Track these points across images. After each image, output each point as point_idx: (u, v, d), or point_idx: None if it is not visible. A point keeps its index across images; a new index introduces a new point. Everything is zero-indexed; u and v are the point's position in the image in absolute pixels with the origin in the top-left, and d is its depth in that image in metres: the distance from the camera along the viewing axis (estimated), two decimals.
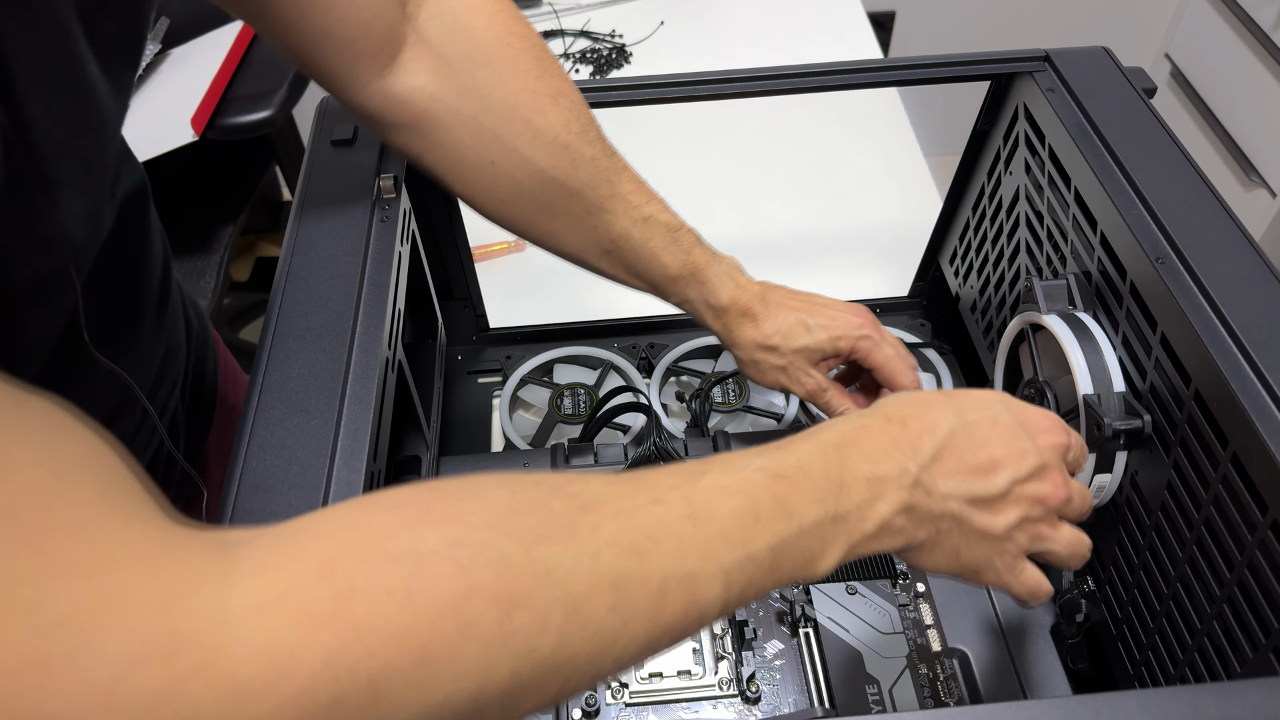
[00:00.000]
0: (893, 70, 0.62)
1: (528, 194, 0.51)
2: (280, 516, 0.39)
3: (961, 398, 0.40)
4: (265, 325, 0.47)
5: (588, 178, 0.51)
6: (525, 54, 0.49)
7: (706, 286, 0.56)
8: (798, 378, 0.59)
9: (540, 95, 0.49)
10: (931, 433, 0.38)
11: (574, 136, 0.50)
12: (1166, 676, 0.50)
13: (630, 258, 0.54)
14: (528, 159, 0.49)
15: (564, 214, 0.52)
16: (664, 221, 0.54)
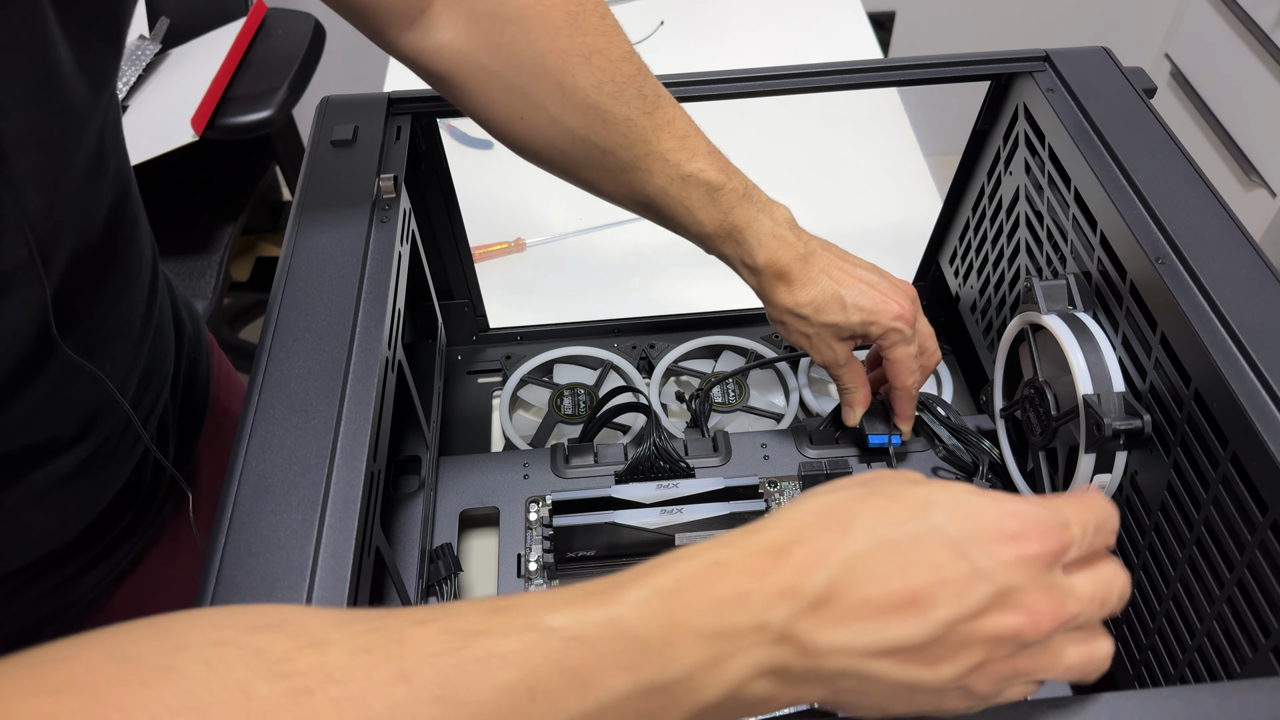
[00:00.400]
0: (893, 70, 0.62)
1: (559, 149, 0.51)
2: (280, 516, 0.39)
3: (888, 502, 0.31)
4: (265, 325, 0.47)
5: (620, 138, 0.50)
6: (556, 9, 0.48)
7: (743, 246, 0.55)
8: (819, 348, 0.58)
9: (569, 54, 0.48)
10: (821, 564, 0.29)
11: (605, 97, 0.49)
12: (1166, 677, 0.50)
13: (666, 213, 0.54)
14: (555, 118, 0.49)
15: (597, 169, 0.52)
16: (705, 180, 0.52)
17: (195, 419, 0.63)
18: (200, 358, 0.65)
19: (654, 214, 0.54)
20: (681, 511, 0.58)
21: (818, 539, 0.30)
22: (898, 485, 0.32)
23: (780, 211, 0.55)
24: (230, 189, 1.30)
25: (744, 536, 0.30)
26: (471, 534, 0.66)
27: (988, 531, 0.30)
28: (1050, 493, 0.57)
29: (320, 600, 0.36)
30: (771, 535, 0.30)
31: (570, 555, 0.59)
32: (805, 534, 0.30)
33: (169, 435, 0.59)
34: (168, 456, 0.59)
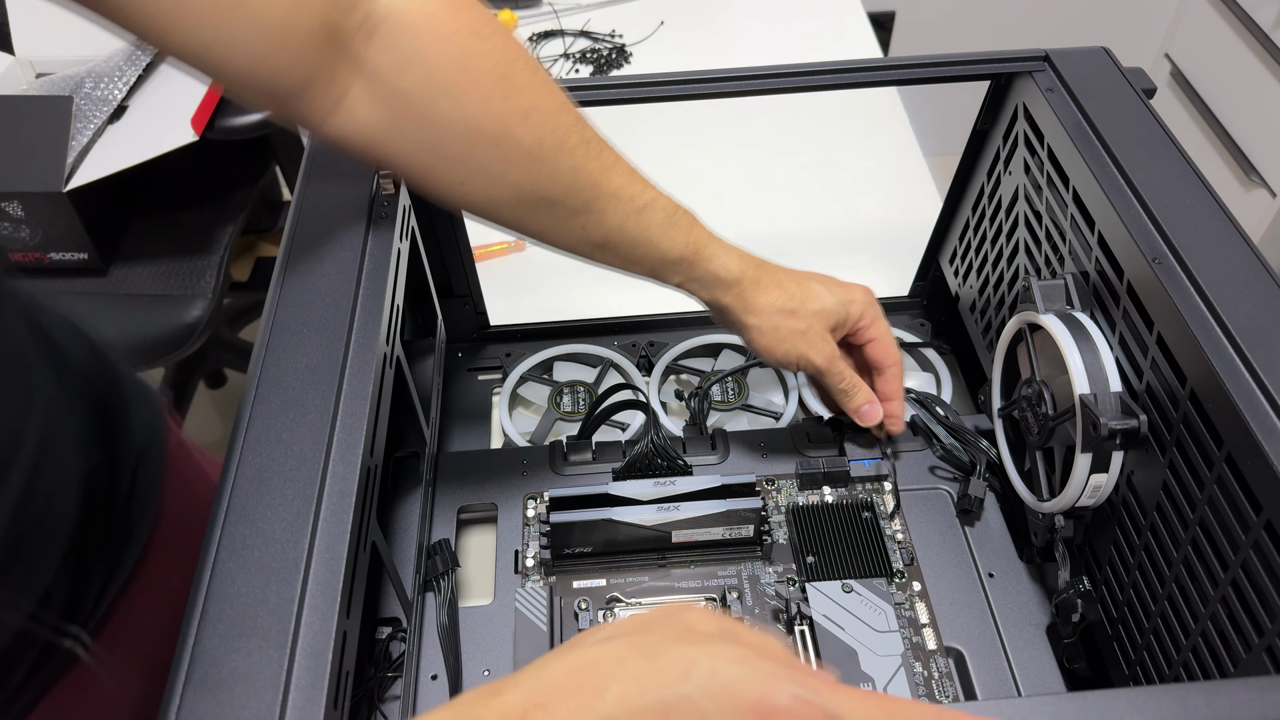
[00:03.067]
0: (893, 70, 0.62)
1: (506, 206, 0.50)
2: (276, 509, 0.39)
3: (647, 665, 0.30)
4: (263, 319, 0.47)
5: (568, 186, 0.50)
6: (486, 75, 0.46)
7: (715, 260, 0.55)
8: (816, 343, 0.58)
9: (506, 116, 0.47)
10: None
11: (548, 152, 0.48)
12: (1161, 676, 0.50)
13: (625, 249, 0.53)
14: (499, 177, 0.48)
15: (547, 218, 0.51)
16: (660, 207, 0.53)
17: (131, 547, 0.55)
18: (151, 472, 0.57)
19: (611, 253, 0.54)
20: (679, 509, 0.58)
21: (562, 704, 0.29)
22: (666, 643, 0.31)
23: (721, 239, 0.57)
24: (230, 189, 1.30)
25: (488, 698, 0.29)
26: (470, 530, 0.67)
27: (740, 710, 0.29)
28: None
29: (314, 593, 0.37)
30: (515, 697, 0.29)
31: (567, 552, 0.59)
32: (551, 696, 0.29)
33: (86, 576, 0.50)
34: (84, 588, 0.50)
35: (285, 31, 0.41)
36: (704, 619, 0.33)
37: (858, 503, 0.63)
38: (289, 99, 0.44)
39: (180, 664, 0.35)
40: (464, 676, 0.55)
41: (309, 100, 0.44)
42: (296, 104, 0.44)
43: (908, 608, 0.58)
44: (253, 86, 0.43)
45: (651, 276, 0.56)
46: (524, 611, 0.56)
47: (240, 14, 0.40)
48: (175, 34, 0.40)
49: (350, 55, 0.44)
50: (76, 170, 1.07)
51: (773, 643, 0.33)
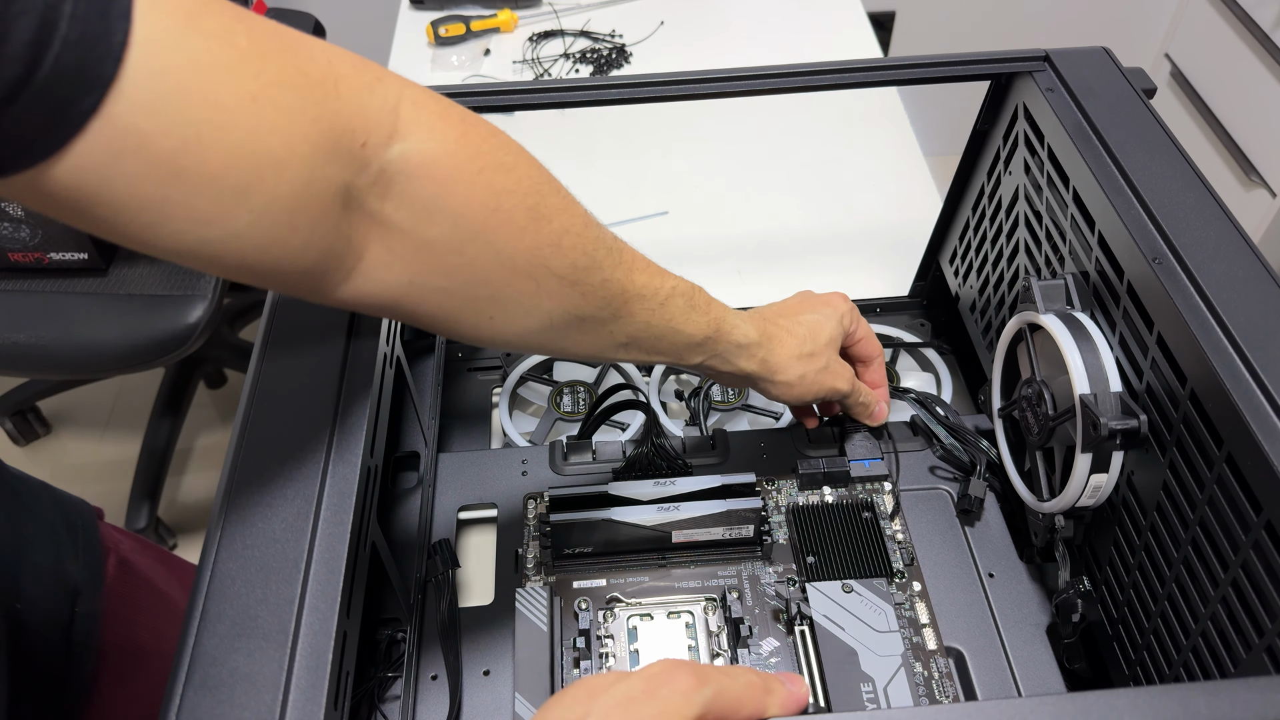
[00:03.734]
0: (893, 70, 0.62)
1: (535, 332, 0.46)
2: (276, 509, 0.39)
3: None
4: (263, 319, 0.47)
5: (600, 300, 0.47)
6: (517, 210, 0.41)
7: (736, 331, 0.54)
8: (838, 371, 0.59)
9: (540, 248, 0.43)
10: None
11: (581, 273, 0.45)
12: (1161, 676, 0.50)
13: (651, 344, 0.51)
14: (531, 309, 0.44)
15: (577, 334, 0.48)
16: (682, 292, 0.51)
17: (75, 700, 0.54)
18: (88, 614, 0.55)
19: (635, 350, 0.51)
20: (679, 509, 0.58)
21: None
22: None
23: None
24: None
25: None
26: (469, 530, 0.67)
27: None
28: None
29: (314, 593, 0.37)
30: None
31: (567, 552, 0.59)
32: None
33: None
34: None
35: (298, 212, 0.34)
36: (602, 682, 0.36)
37: (858, 503, 0.63)
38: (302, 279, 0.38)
39: (180, 664, 0.35)
40: (464, 676, 0.55)
41: (323, 276, 0.38)
42: (310, 281, 0.38)
43: (908, 608, 0.58)
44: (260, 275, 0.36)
45: (671, 362, 0.54)
46: (524, 611, 0.56)
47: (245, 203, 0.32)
48: (163, 235, 0.32)
49: (366, 215, 0.38)
50: None
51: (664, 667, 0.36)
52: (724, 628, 0.57)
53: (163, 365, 1.30)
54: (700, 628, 0.57)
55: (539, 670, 0.53)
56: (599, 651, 0.56)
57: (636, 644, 0.56)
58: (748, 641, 0.55)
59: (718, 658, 0.55)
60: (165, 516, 1.56)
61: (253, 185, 0.32)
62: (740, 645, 0.55)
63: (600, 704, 0.35)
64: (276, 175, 0.33)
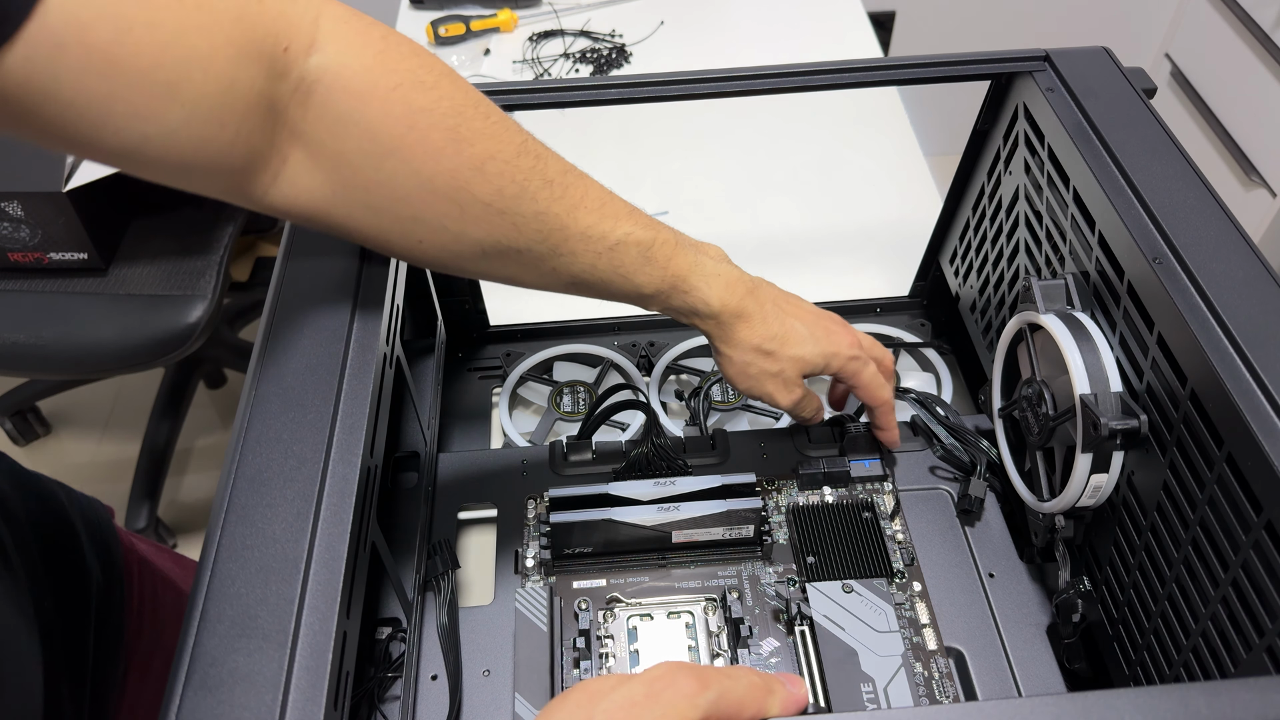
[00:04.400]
0: (893, 70, 0.62)
1: (469, 258, 0.47)
2: (276, 509, 0.39)
3: None
4: (263, 320, 0.47)
5: (534, 233, 0.46)
6: (434, 130, 0.42)
7: (692, 294, 0.52)
8: (785, 387, 0.57)
9: (460, 172, 0.43)
10: None
11: (509, 200, 0.45)
12: (1162, 676, 0.50)
13: (599, 288, 0.50)
14: (459, 234, 0.45)
15: (514, 265, 0.48)
16: (635, 241, 0.49)
17: (108, 677, 0.55)
18: (114, 607, 0.56)
19: (584, 290, 0.51)
20: (679, 509, 0.58)
21: None
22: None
23: (714, 250, 0.55)
24: None
25: None
26: (469, 530, 0.67)
27: None
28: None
29: (314, 593, 0.37)
30: None
31: (567, 552, 0.59)
32: None
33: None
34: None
35: (223, 110, 0.37)
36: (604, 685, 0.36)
37: (858, 503, 0.63)
38: (231, 178, 0.41)
39: (180, 664, 0.35)
40: (464, 677, 0.55)
41: (250, 176, 0.41)
42: (238, 182, 0.41)
43: (908, 608, 0.58)
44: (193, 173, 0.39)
45: (631, 304, 0.53)
46: (524, 612, 0.56)
47: (177, 98, 0.35)
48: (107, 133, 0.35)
49: (287, 123, 0.40)
50: (76, 170, 1.07)
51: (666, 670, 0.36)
52: (724, 628, 0.57)
53: (163, 365, 1.30)
54: (700, 628, 0.57)
55: (539, 670, 0.53)
56: (599, 651, 0.56)
57: (636, 644, 0.56)
58: (748, 642, 0.55)
59: (718, 658, 0.55)
60: (165, 516, 1.56)
61: (182, 82, 0.35)
62: (740, 645, 0.55)
63: (602, 708, 0.35)
64: (204, 72, 0.36)
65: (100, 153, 0.36)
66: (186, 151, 0.37)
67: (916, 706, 0.52)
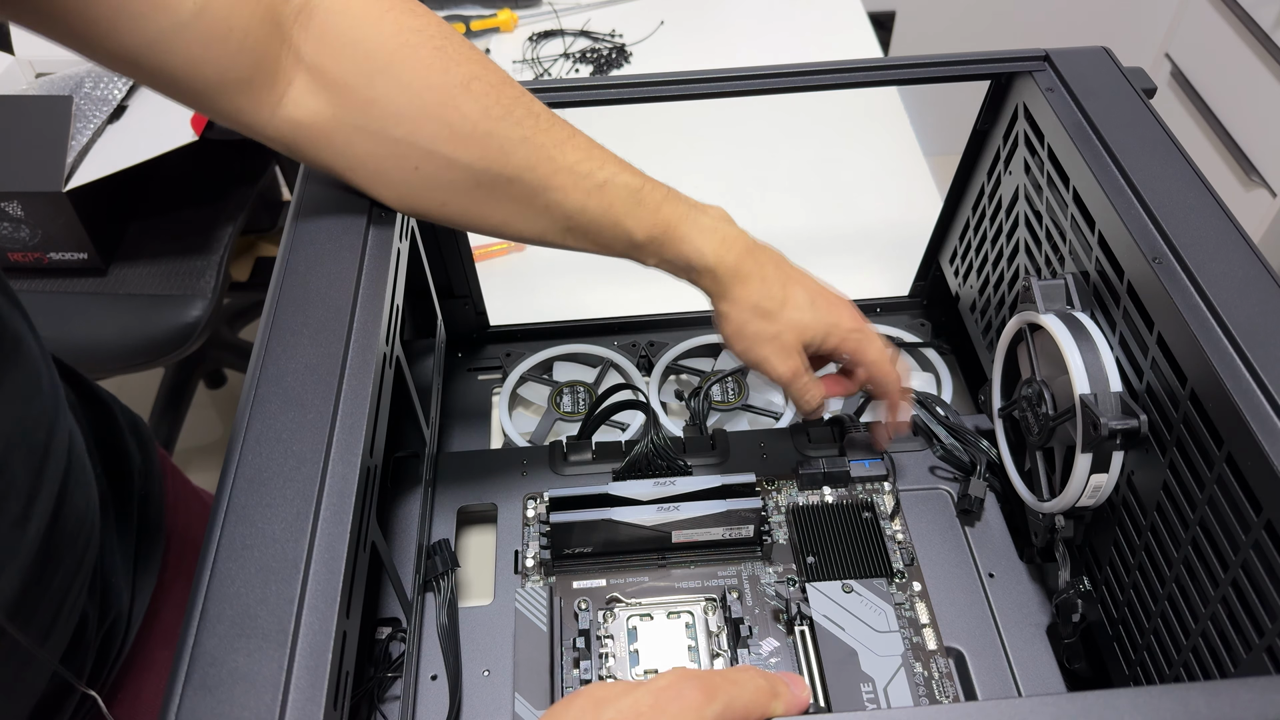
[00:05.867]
0: (893, 70, 0.62)
1: (464, 190, 0.48)
2: (276, 509, 0.39)
3: None
4: (263, 319, 0.47)
5: (523, 159, 0.47)
6: (423, 47, 0.45)
7: (686, 243, 0.51)
8: (783, 353, 0.55)
9: (448, 88, 0.46)
10: None
11: (495, 122, 0.47)
12: (1162, 676, 0.50)
13: (592, 231, 0.50)
14: (451, 158, 0.47)
15: (508, 201, 0.49)
16: (623, 184, 0.50)
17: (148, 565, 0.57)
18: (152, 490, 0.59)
19: (579, 235, 0.51)
20: (679, 509, 0.58)
21: None
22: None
23: (715, 209, 0.54)
24: (230, 189, 1.30)
25: None
26: (469, 530, 0.67)
27: None
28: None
29: (314, 593, 0.37)
30: None
31: (567, 552, 0.59)
32: None
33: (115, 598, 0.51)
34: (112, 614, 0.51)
35: (229, 18, 0.41)
36: (610, 692, 0.36)
37: (858, 503, 0.63)
38: (236, 95, 0.44)
39: (180, 664, 0.35)
40: (464, 677, 0.55)
41: (255, 95, 0.44)
42: (244, 101, 0.44)
43: (908, 608, 0.58)
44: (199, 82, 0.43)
45: (628, 258, 0.53)
46: (524, 611, 0.56)
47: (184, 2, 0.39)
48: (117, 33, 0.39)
49: (291, 45, 0.44)
50: (76, 170, 1.07)
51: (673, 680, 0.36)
52: (724, 628, 0.57)
53: (163, 365, 1.30)
54: (700, 628, 0.57)
55: (539, 670, 0.53)
56: (599, 651, 0.56)
57: (636, 644, 0.56)
58: (748, 641, 0.55)
59: (718, 658, 0.55)
60: None
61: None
62: (740, 645, 0.55)
63: (608, 716, 0.35)
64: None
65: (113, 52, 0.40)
66: (195, 50, 0.41)
67: (916, 706, 0.52)
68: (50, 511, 0.44)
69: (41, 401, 0.44)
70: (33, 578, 0.42)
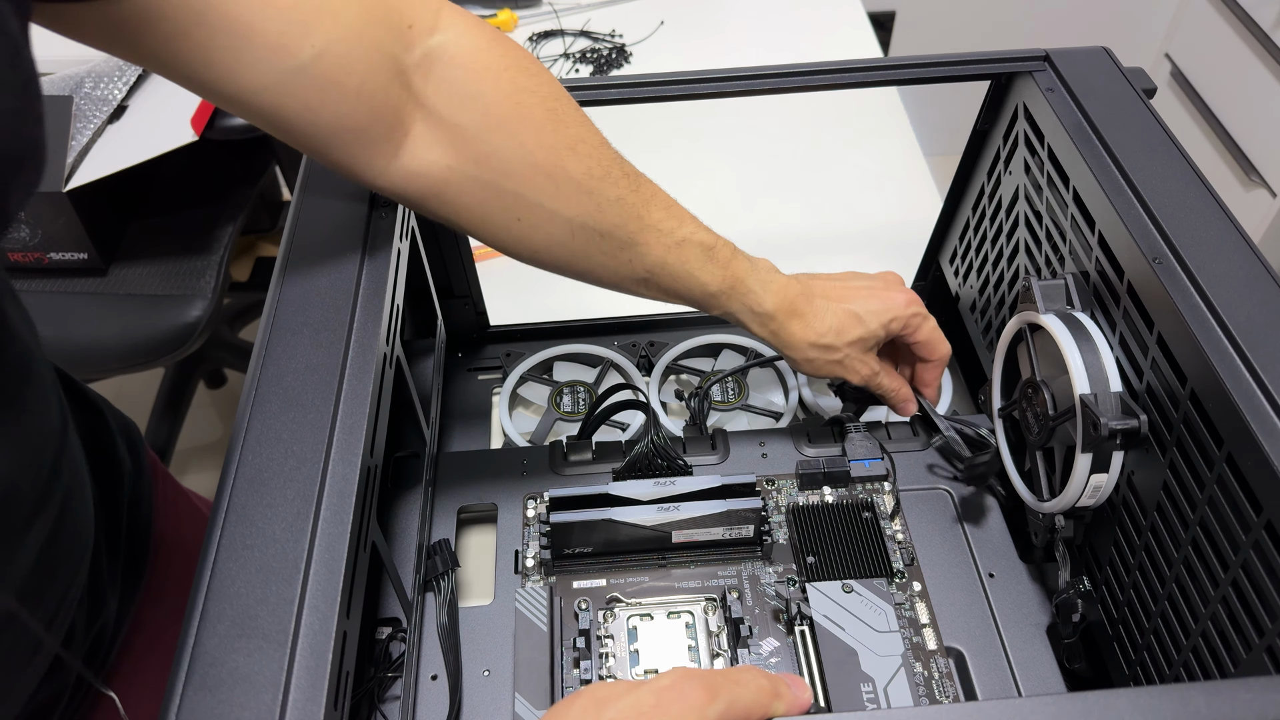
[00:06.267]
0: (893, 70, 0.62)
1: (559, 242, 0.51)
2: (276, 509, 0.39)
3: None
4: (263, 319, 0.47)
5: (616, 218, 0.51)
6: (538, 108, 0.48)
7: (750, 295, 0.56)
8: (853, 367, 0.60)
9: (558, 149, 0.48)
10: None
11: (596, 182, 0.50)
12: (1162, 676, 0.50)
13: (668, 283, 0.54)
14: (553, 212, 0.49)
15: (597, 253, 0.52)
16: (699, 241, 0.54)
17: (135, 572, 0.57)
18: (141, 496, 0.59)
19: (656, 287, 0.55)
20: (679, 509, 0.58)
21: None
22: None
23: (763, 262, 0.58)
24: (230, 189, 1.30)
25: None
26: (469, 530, 0.67)
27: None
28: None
29: (314, 593, 0.37)
30: None
31: (567, 552, 0.59)
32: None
33: (102, 605, 0.52)
34: (99, 623, 0.51)
35: (348, 64, 0.42)
36: (612, 691, 0.36)
37: (858, 503, 0.63)
38: (353, 144, 0.44)
39: (180, 664, 0.35)
40: (464, 676, 0.55)
41: (373, 145, 0.45)
42: (360, 150, 0.45)
43: (908, 608, 0.58)
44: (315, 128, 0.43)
45: (696, 306, 0.57)
46: (524, 611, 0.56)
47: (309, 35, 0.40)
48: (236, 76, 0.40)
49: (413, 94, 0.45)
50: (76, 170, 1.07)
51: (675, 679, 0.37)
52: (724, 628, 0.57)
53: (163, 365, 1.30)
54: (700, 628, 0.57)
55: (539, 670, 0.53)
56: (599, 651, 0.56)
57: (636, 644, 0.56)
58: (748, 641, 0.55)
59: (718, 658, 0.55)
60: None
61: (314, 21, 0.40)
62: (740, 645, 0.55)
63: (609, 715, 0.35)
64: (334, 18, 0.41)
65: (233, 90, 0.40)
66: (314, 96, 0.41)
67: (916, 706, 0.52)
68: (48, 530, 0.43)
69: (50, 418, 0.44)
70: (26, 595, 0.42)
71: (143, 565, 0.58)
